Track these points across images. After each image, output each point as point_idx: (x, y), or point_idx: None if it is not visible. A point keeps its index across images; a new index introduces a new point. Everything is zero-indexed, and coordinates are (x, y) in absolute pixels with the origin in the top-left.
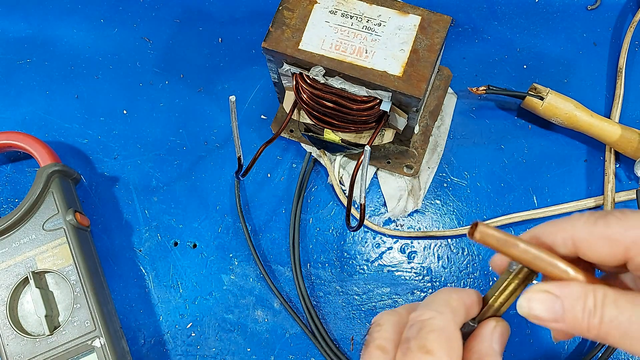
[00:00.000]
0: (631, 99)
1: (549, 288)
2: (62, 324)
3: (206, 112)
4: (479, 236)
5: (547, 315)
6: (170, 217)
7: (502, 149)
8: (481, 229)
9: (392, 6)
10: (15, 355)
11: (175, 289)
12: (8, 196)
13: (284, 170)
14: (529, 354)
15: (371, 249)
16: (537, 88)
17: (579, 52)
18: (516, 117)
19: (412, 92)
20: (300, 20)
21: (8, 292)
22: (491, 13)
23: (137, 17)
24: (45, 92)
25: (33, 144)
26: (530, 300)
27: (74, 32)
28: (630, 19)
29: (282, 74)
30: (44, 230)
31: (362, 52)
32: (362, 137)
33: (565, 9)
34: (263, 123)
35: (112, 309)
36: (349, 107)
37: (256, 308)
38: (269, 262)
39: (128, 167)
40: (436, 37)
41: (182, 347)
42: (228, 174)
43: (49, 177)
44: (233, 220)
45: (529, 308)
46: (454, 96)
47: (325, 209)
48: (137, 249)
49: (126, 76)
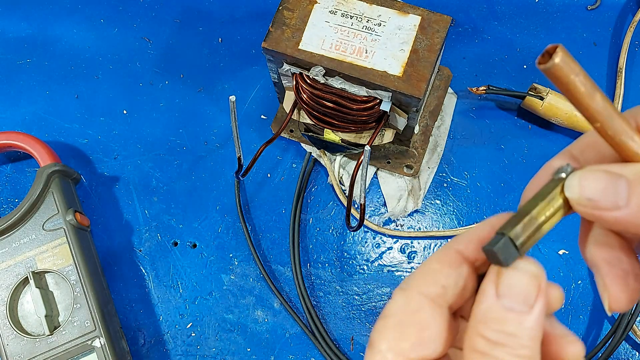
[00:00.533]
0: (631, 99)
1: (610, 168)
2: (62, 324)
3: (206, 112)
4: (560, 61)
5: (605, 198)
6: (170, 217)
7: (502, 149)
8: (563, 53)
9: (392, 6)
10: (15, 355)
11: (175, 289)
12: (8, 196)
13: (284, 170)
14: None
15: (371, 249)
16: (537, 88)
17: (579, 52)
18: (516, 117)
19: (412, 92)
20: (300, 20)
21: (8, 292)
22: (491, 13)
23: (137, 17)
24: (45, 92)
25: (33, 144)
26: (583, 178)
27: (74, 32)
28: (630, 19)
29: (282, 74)
30: (44, 230)
31: (362, 52)
32: (362, 137)
33: (565, 9)
34: (263, 123)
35: (112, 309)
36: (349, 107)
37: (256, 308)
38: (269, 262)
39: (128, 167)
40: (436, 37)
41: (182, 347)
42: (228, 174)
43: (49, 177)
44: (233, 220)
45: (580, 187)
46: (454, 96)
47: (325, 209)
48: (137, 249)
49: (126, 76)
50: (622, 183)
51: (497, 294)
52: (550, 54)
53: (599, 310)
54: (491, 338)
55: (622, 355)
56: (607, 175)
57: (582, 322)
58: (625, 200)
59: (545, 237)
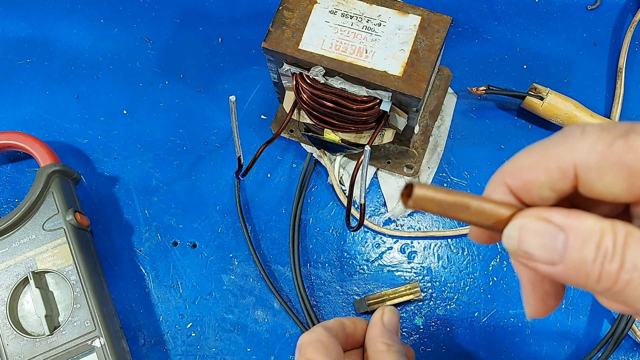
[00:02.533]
0: (631, 99)
1: (551, 215)
2: (62, 324)
3: (206, 112)
4: (413, 204)
5: (542, 253)
6: (170, 217)
7: (502, 149)
8: (418, 193)
9: (392, 6)
10: (15, 355)
11: (175, 289)
12: (8, 196)
13: (284, 170)
14: (529, 354)
15: (371, 249)
16: (537, 88)
17: (579, 52)
18: (516, 117)
19: (412, 92)
20: (300, 20)
21: (8, 292)
22: (491, 13)
23: (137, 17)
24: (45, 92)
25: (33, 144)
26: (523, 230)
27: (74, 32)
28: (630, 19)
29: (282, 74)
30: (44, 230)
31: (362, 52)
32: (362, 137)
33: (565, 9)
34: (263, 123)
35: (112, 309)
36: (349, 107)
37: (256, 308)
38: (269, 262)
39: (128, 167)
40: (436, 37)
41: (182, 347)
42: (228, 174)
43: (49, 177)
44: (233, 220)
45: (519, 241)
46: (454, 96)
47: (325, 209)
48: (137, 249)
49: (126, 76)
50: (560, 238)
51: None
52: (409, 189)
53: (599, 311)
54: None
55: (622, 355)
56: (547, 227)
57: (582, 322)
58: (560, 257)
59: None
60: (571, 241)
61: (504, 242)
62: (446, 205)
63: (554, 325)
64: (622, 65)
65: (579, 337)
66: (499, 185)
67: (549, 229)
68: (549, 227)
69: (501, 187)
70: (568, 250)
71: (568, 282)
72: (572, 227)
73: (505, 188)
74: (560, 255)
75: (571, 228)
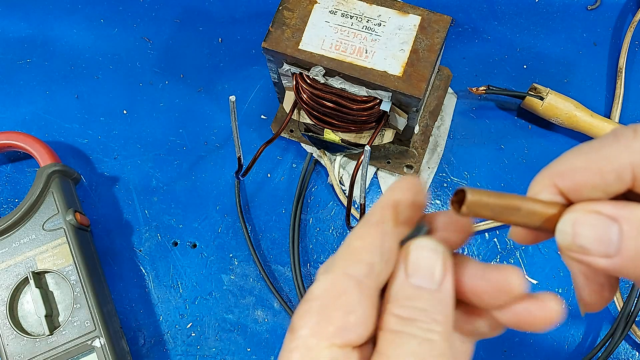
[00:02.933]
0: (631, 99)
1: (602, 208)
2: (62, 324)
3: (206, 112)
4: (467, 211)
5: (598, 246)
6: (170, 217)
7: (502, 149)
8: (472, 199)
9: (392, 6)
10: (15, 355)
11: (175, 289)
12: (8, 196)
13: (284, 170)
14: (529, 354)
15: None
16: (537, 88)
17: (579, 52)
18: (516, 117)
19: (412, 92)
20: (300, 20)
21: (8, 292)
22: (491, 13)
23: (137, 17)
24: (45, 92)
25: (33, 144)
26: (576, 224)
27: (74, 32)
28: (630, 19)
29: (282, 74)
30: (44, 230)
31: (362, 52)
32: (362, 137)
33: (565, 9)
34: (263, 123)
35: (112, 309)
36: (349, 107)
37: (256, 308)
38: (269, 262)
39: (128, 167)
40: (436, 37)
41: (182, 347)
42: (228, 174)
43: (49, 177)
44: (233, 220)
45: (573, 235)
46: (454, 96)
47: (325, 209)
48: (137, 249)
49: (126, 76)
50: (614, 230)
51: (406, 273)
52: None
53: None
54: (403, 315)
55: (621, 355)
56: (601, 220)
57: (582, 322)
58: (616, 249)
59: None
60: (626, 231)
61: (557, 238)
62: (498, 210)
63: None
64: (622, 65)
65: (579, 337)
66: (547, 186)
67: (602, 220)
68: (601, 219)
69: (550, 187)
70: (624, 240)
71: (624, 275)
72: (624, 217)
73: (554, 189)
74: (615, 246)
75: (624, 218)
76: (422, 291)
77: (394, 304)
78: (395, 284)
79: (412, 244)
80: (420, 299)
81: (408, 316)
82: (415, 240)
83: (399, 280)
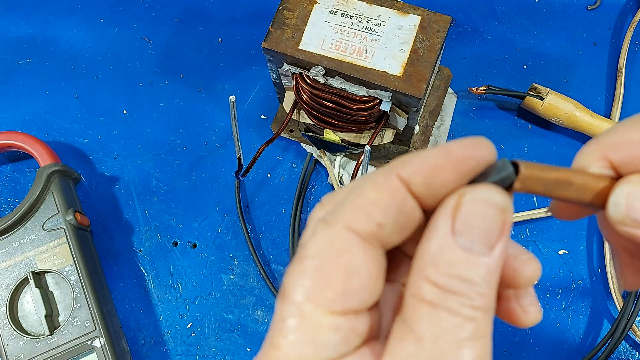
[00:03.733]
0: (631, 99)
1: None
2: (62, 324)
3: (206, 112)
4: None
5: None
6: (170, 217)
7: (502, 149)
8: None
9: (392, 6)
10: (15, 355)
11: (175, 289)
12: (8, 196)
13: (284, 170)
14: (529, 354)
15: None
16: (537, 88)
17: (579, 52)
18: (516, 117)
19: (412, 92)
20: (300, 20)
21: (8, 292)
22: (491, 13)
23: (137, 17)
24: (45, 92)
25: (33, 144)
26: (630, 196)
27: (74, 32)
28: (630, 19)
29: (282, 74)
30: (44, 230)
31: (362, 52)
32: (362, 137)
33: (565, 9)
34: (263, 123)
35: (112, 309)
36: (349, 107)
37: (256, 308)
38: (269, 262)
39: (128, 167)
40: (436, 37)
41: (182, 347)
42: (228, 174)
43: (49, 177)
44: (233, 220)
45: (627, 208)
46: (454, 96)
47: None
48: (137, 249)
49: (126, 76)
50: None
51: (452, 230)
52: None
53: (599, 310)
54: (443, 285)
55: (621, 355)
56: None
57: (582, 322)
58: None
59: (545, 237)
60: None
61: (609, 211)
62: (551, 184)
63: (554, 325)
64: (622, 65)
65: (579, 337)
66: (598, 159)
67: None
68: None
69: (601, 160)
70: None
71: None
72: None
73: (606, 162)
74: None
75: None
76: (472, 256)
77: (432, 268)
78: (436, 241)
79: (469, 194)
80: (468, 267)
81: (450, 287)
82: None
83: (440, 238)
